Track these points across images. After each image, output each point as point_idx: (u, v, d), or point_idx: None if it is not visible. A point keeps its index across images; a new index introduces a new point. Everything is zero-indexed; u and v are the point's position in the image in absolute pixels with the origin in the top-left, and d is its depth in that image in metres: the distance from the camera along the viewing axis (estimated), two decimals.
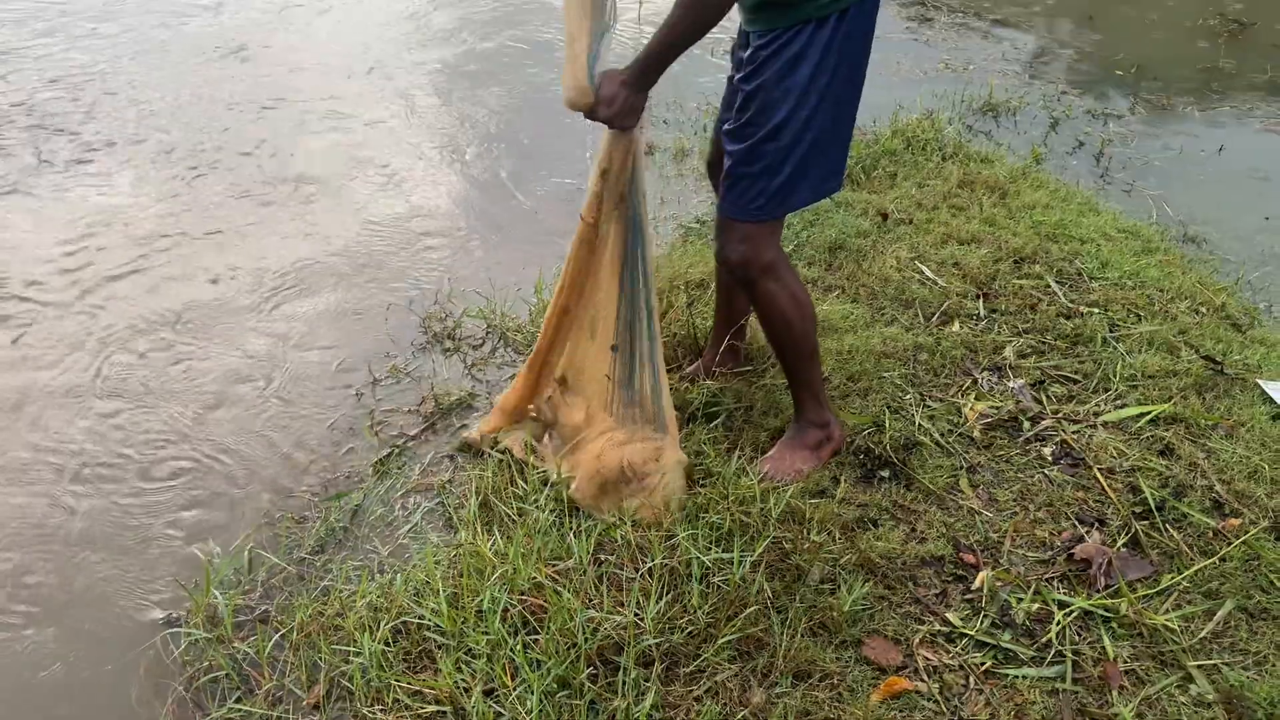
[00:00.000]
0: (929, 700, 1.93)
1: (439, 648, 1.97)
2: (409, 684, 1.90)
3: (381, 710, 1.87)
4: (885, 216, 3.61)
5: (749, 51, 2.07)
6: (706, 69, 5.04)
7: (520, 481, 2.37)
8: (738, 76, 2.13)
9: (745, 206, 2.16)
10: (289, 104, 4.71)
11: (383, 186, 3.98)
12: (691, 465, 2.36)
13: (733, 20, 2.17)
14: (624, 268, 2.26)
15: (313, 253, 3.48)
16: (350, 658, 1.96)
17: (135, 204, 3.80)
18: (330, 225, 3.66)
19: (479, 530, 2.23)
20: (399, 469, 2.55)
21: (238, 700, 1.94)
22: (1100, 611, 2.11)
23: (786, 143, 2.08)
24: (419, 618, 2.01)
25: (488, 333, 3.07)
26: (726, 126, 2.15)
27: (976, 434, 2.58)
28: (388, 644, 1.98)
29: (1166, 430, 2.60)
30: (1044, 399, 2.72)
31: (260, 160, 4.14)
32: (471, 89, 4.95)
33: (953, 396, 2.72)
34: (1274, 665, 2.01)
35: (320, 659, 1.99)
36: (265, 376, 2.86)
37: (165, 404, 2.75)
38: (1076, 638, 2.06)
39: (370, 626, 2.01)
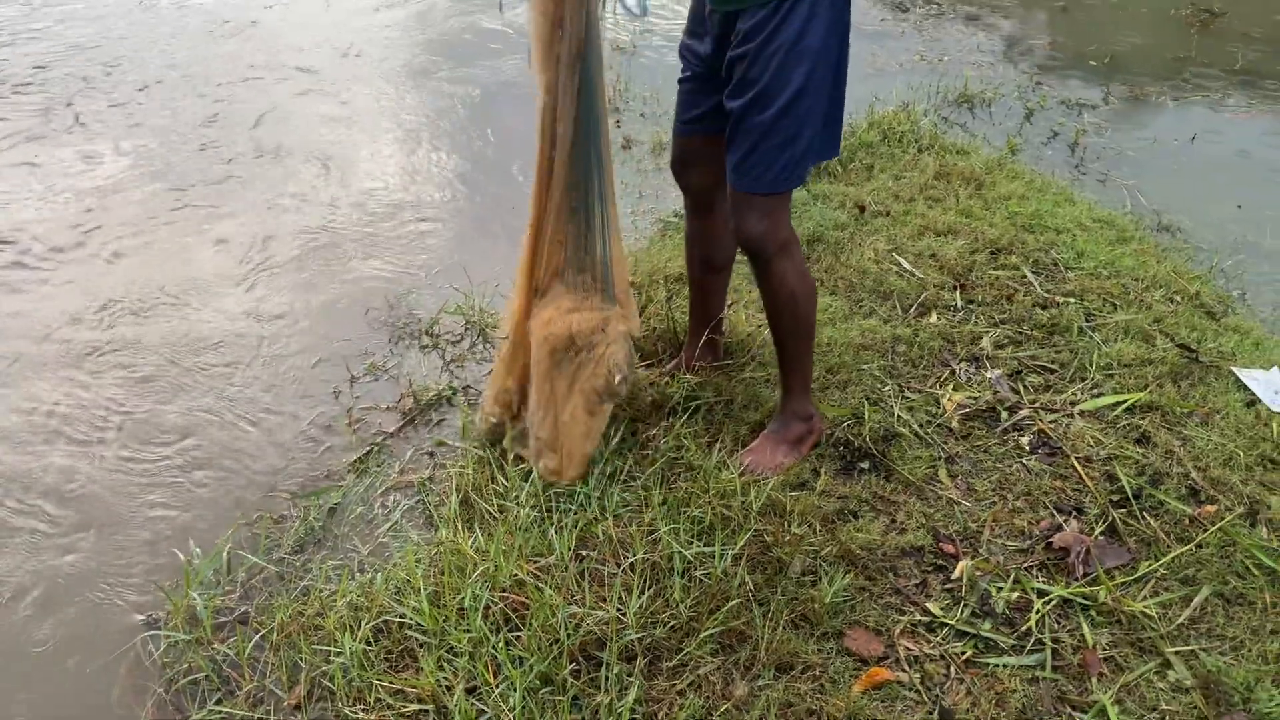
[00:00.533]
0: (910, 690, 1.94)
1: (421, 646, 1.97)
2: (391, 683, 1.89)
3: (363, 710, 1.86)
4: (862, 209, 3.62)
5: (750, 23, 2.03)
6: None
7: (501, 478, 2.36)
8: (740, 50, 2.07)
9: (772, 179, 2.14)
10: (276, 84, 4.77)
11: (363, 179, 3.96)
12: (638, 337, 2.40)
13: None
14: (578, 134, 2.17)
15: (289, 248, 3.45)
16: (331, 658, 1.95)
17: (130, 177, 3.90)
18: (309, 219, 3.64)
19: (460, 528, 2.22)
20: (378, 467, 2.54)
21: (218, 702, 1.93)
22: (1079, 599, 2.12)
23: (807, 107, 2.08)
24: (400, 616, 2.01)
25: (466, 329, 3.05)
26: (736, 103, 2.10)
27: (955, 424, 2.60)
28: (369, 643, 1.97)
29: (1143, 418, 2.62)
30: (1021, 389, 2.74)
31: (242, 144, 4.19)
32: (455, 78, 4.95)
33: (931, 387, 2.73)
34: (1250, 650, 2.03)
35: (301, 659, 1.98)
36: (242, 374, 2.84)
37: (142, 404, 2.72)
38: (1056, 626, 2.08)
39: (351, 626, 2.00)
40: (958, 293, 3.13)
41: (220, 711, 1.91)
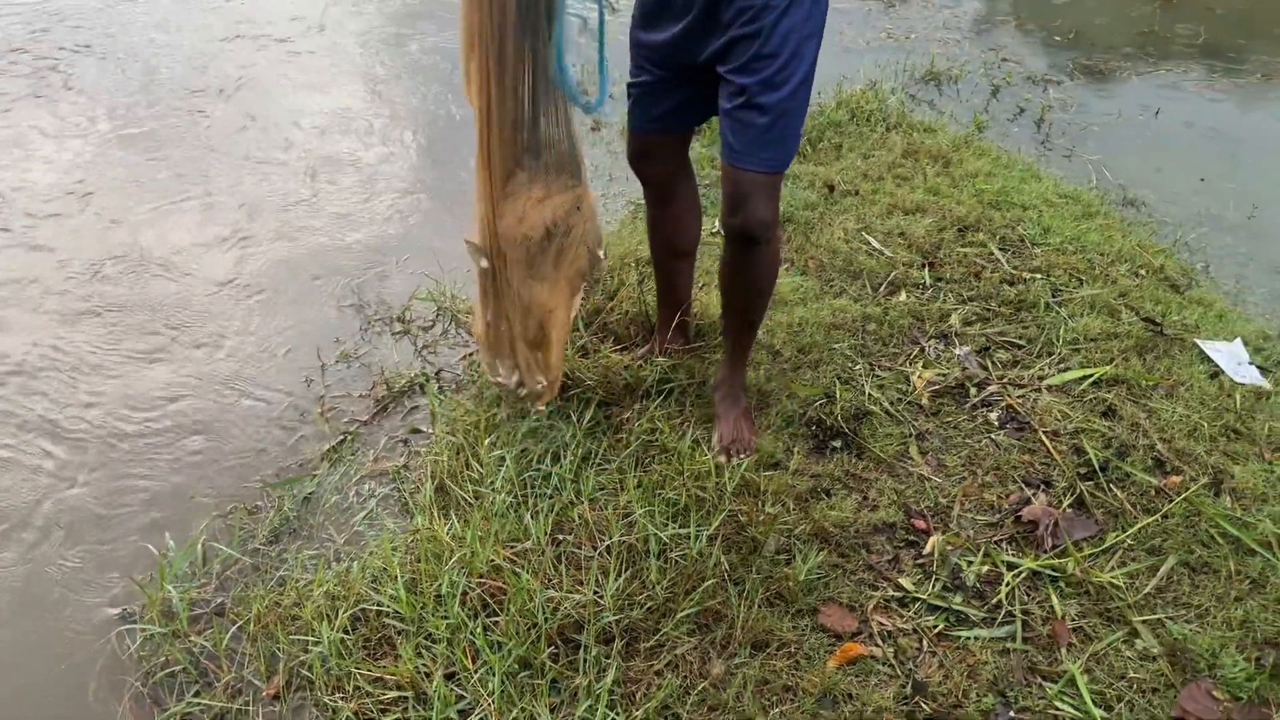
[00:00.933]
0: (884, 664, 1.97)
1: (399, 634, 1.97)
2: (369, 671, 1.90)
3: (342, 698, 1.87)
4: (832, 188, 3.63)
5: (759, 1, 1.97)
6: None
7: (476, 465, 2.36)
8: (750, 28, 1.98)
9: (785, 157, 2.12)
10: (259, 55, 4.79)
11: (336, 158, 3.93)
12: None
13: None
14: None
15: (261, 233, 3.42)
16: (309, 647, 1.96)
17: (113, 146, 3.95)
18: (283, 200, 3.62)
19: (435, 515, 2.22)
20: (352, 455, 2.53)
21: (196, 694, 1.93)
22: (1048, 571, 2.16)
23: (811, 81, 2.08)
24: (377, 605, 2.01)
25: (438, 315, 3.05)
26: (750, 80, 2.02)
27: (925, 402, 2.62)
28: (346, 632, 1.98)
29: (1109, 392, 2.66)
30: (989, 365, 2.77)
31: (223, 117, 4.21)
32: (428, 49, 4.93)
33: (901, 365, 2.76)
34: (1215, 617, 2.08)
35: (279, 649, 1.98)
36: (212, 363, 2.82)
37: (114, 393, 2.70)
38: (1025, 598, 2.12)
39: (328, 615, 2.00)
40: (926, 271, 3.15)
41: (198, 703, 1.91)
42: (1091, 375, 2.70)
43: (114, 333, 2.93)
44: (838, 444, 2.49)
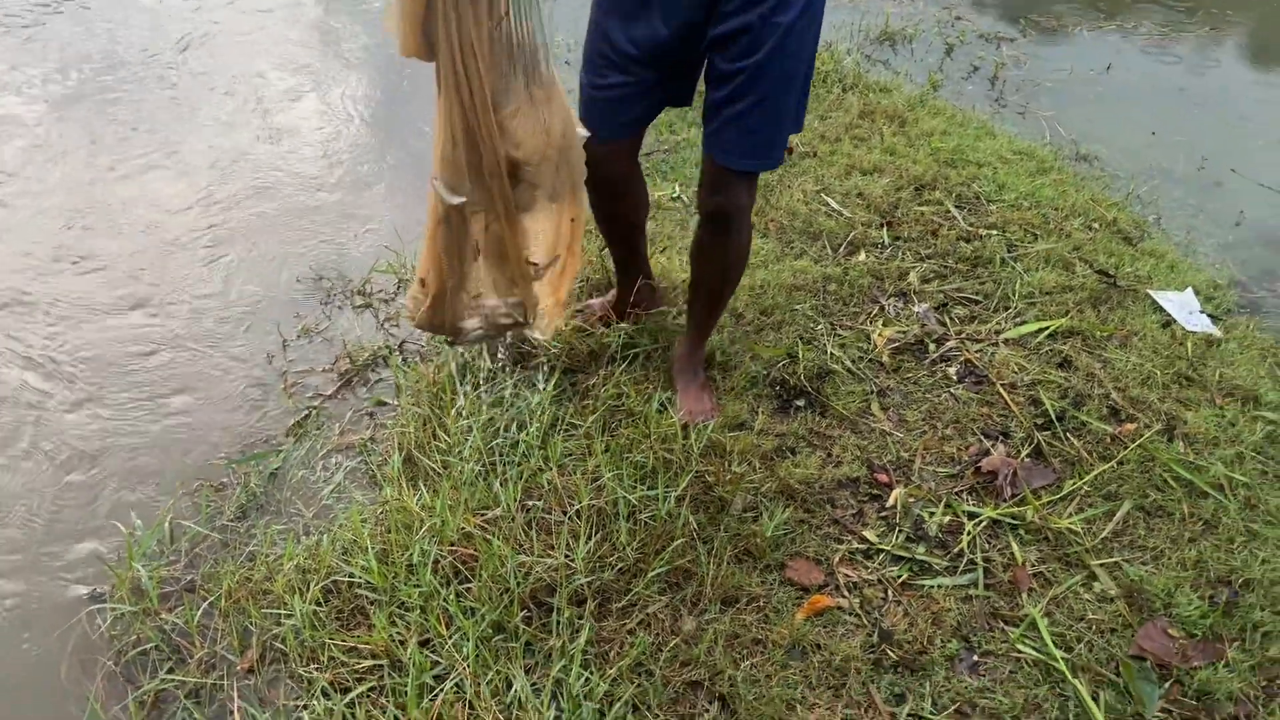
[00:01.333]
0: (851, 615, 2.02)
1: (371, 604, 1.98)
2: (343, 641, 1.91)
3: (317, 669, 1.88)
4: (790, 150, 3.64)
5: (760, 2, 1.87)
6: None
7: (443, 435, 2.36)
8: (777, 18, 1.88)
9: (778, 158, 2.08)
10: (225, 19, 4.71)
11: (293, 126, 3.88)
12: None
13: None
14: None
15: (221, 199, 3.37)
16: (282, 620, 1.96)
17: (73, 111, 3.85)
18: (237, 168, 3.57)
19: (404, 486, 2.23)
20: (318, 429, 2.53)
21: (169, 671, 1.93)
22: (1008, 520, 2.21)
23: (811, 79, 2.05)
24: (349, 576, 2.02)
25: (399, 287, 3.03)
26: (758, 84, 1.94)
27: (885, 359, 2.66)
28: (319, 604, 1.98)
29: (1064, 344, 2.71)
30: (947, 321, 2.81)
31: (168, 86, 4.11)
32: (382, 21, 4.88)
33: (862, 324, 2.79)
34: (1169, 559, 2.14)
35: (251, 624, 1.98)
36: (171, 344, 2.79)
37: (74, 379, 2.67)
38: (986, 546, 2.17)
39: (300, 588, 2.01)
40: (885, 230, 3.18)
41: (172, 679, 1.91)
42: (1047, 328, 2.75)
43: (72, 297, 2.89)
44: (801, 403, 2.52)
